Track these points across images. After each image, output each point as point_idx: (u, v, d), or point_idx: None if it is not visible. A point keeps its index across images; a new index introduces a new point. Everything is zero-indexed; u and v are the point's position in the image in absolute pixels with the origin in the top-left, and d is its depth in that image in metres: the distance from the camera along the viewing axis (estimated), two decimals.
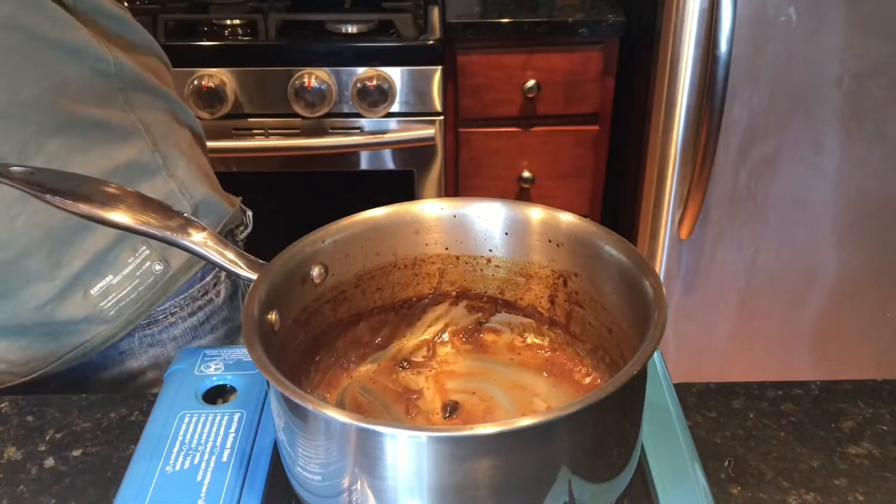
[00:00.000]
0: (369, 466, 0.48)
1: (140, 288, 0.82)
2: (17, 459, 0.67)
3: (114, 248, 0.80)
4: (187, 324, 0.87)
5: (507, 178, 1.88)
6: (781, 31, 1.54)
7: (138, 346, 0.85)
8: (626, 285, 0.58)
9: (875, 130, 1.63)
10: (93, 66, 0.78)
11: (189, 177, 0.86)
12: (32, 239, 0.76)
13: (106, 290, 0.80)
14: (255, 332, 0.52)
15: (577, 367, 0.65)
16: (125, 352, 0.85)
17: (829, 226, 1.73)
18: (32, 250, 0.76)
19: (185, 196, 0.85)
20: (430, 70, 1.70)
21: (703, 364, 1.90)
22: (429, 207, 0.64)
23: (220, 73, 1.68)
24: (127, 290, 0.81)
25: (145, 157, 0.82)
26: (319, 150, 1.76)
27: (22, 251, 0.76)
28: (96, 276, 0.79)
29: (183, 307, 0.86)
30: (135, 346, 0.85)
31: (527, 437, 0.47)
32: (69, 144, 0.77)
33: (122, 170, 0.80)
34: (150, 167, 0.83)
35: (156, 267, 0.82)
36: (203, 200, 0.87)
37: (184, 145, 0.88)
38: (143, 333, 0.85)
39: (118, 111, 0.81)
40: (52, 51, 0.74)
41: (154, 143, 0.83)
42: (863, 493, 0.63)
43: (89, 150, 0.78)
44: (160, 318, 0.85)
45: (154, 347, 0.86)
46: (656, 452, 0.61)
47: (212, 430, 0.63)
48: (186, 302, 0.86)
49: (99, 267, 0.79)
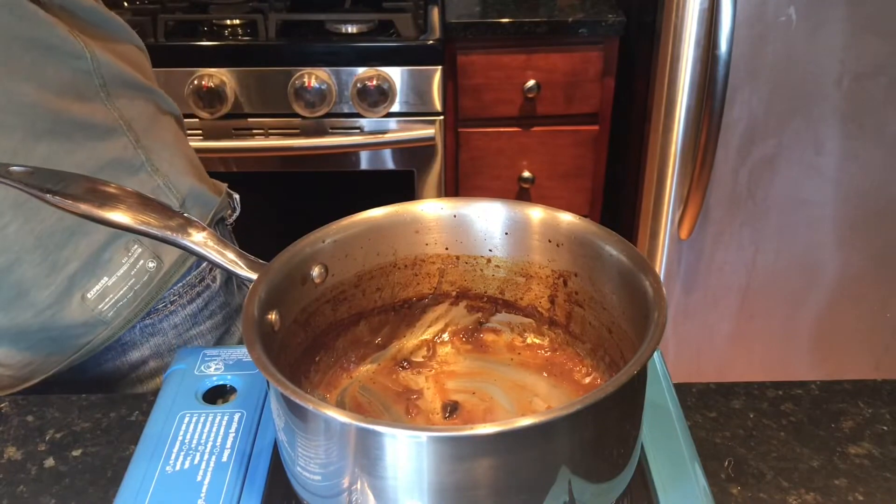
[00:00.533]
0: (369, 466, 0.48)
1: (136, 287, 0.81)
2: (17, 459, 0.67)
3: (107, 249, 0.79)
4: (187, 311, 0.87)
5: (507, 178, 1.88)
6: (781, 31, 1.54)
7: (139, 337, 0.85)
8: (626, 285, 0.58)
9: (875, 130, 1.63)
10: (72, 64, 0.76)
11: (174, 170, 0.85)
12: (24, 245, 0.75)
13: (102, 292, 0.80)
14: (255, 332, 0.52)
15: (577, 367, 0.65)
16: (126, 343, 0.85)
17: (829, 226, 1.73)
18: (25, 257, 0.75)
19: (172, 191, 0.84)
20: (430, 70, 1.70)
21: (703, 364, 1.90)
22: (429, 207, 0.64)
23: (220, 73, 1.68)
24: (123, 291, 0.81)
25: (128, 154, 0.82)
26: (319, 150, 1.76)
27: (15, 258, 0.75)
28: (91, 279, 0.79)
29: (182, 295, 0.86)
30: (136, 336, 0.85)
31: (527, 437, 0.47)
32: (57, 147, 0.76)
33: (108, 168, 0.79)
34: (134, 164, 0.82)
35: (149, 264, 0.82)
36: (190, 193, 0.86)
37: (168, 136, 0.87)
38: (144, 324, 0.85)
39: (100, 108, 0.79)
40: (31, 51, 0.73)
41: (136, 139, 0.82)
42: (863, 493, 0.63)
43: (76, 150, 0.77)
44: (160, 308, 0.85)
45: (155, 336, 0.86)
46: (656, 452, 0.61)
47: (212, 430, 0.63)
48: (185, 290, 0.86)
49: (93, 269, 0.79)
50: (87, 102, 0.78)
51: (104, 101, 0.80)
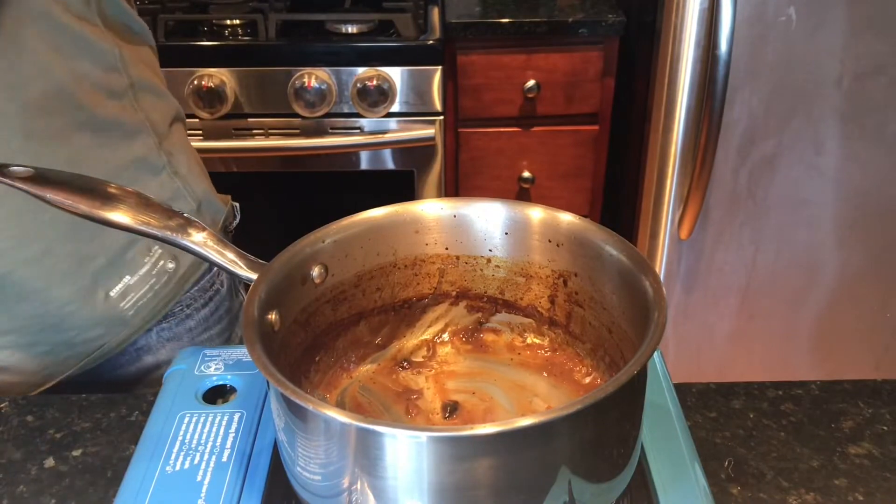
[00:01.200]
0: (369, 466, 0.48)
1: (156, 287, 0.82)
2: (17, 459, 0.67)
3: (130, 248, 0.80)
4: (200, 315, 0.88)
5: (507, 178, 1.88)
6: (781, 31, 1.54)
7: (156, 341, 0.86)
8: (626, 285, 0.58)
9: (875, 130, 1.63)
10: (106, 62, 0.77)
11: (191, 174, 0.86)
12: (57, 233, 0.75)
13: (124, 290, 0.80)
14: (255, 332, 0.52)
15: (577, 367, 0.65)
16: (142, 348, 0.85)
17: (829, 226, 1.73)
18: (56, 248, 0.76)
19: (189, 193, 0.85)
20: (430, 70, 1.70)
21: (703, 364, 1.90)
22: (429, 207, 0.64)
23: (220, 73, 1.68)
24: (144, 290, 0.82)
25: (152, 155, 0.83)
26: (319, 150, 1.76)
27: (47, 248, 0.75)
28: (114, 277, 0.80)
29: (196, 299, 0.87)
30: (152, 340, 0.86)
31: (527, 437, 0.47)
32: (89, 141, 0.77)
33: (132, 168, 0.80)
34: (157, 165, 0.83)
35: (168, 265, 0.82)
36: (204, 198, 0.87)
37: (183, 141, 0.88)
38: (161, 327, 0.85)
39: (129, 107, 0.80)
40: (76, 42, 0.74)
41: (159, 141, 0.83)
42: (863, 493, 0.63)
43: (105, 146, 0.78)
44: (176, 311, 0.86)
45: (171, 341, 0.87)
46: (656, 452, 0.61)
47: (212, 430, 0.63)
48: (199, 294, 0.87)
49: (117, 267, 0.79)
50: (117, 100, 0.79)
51: (132, 101, 0.81)
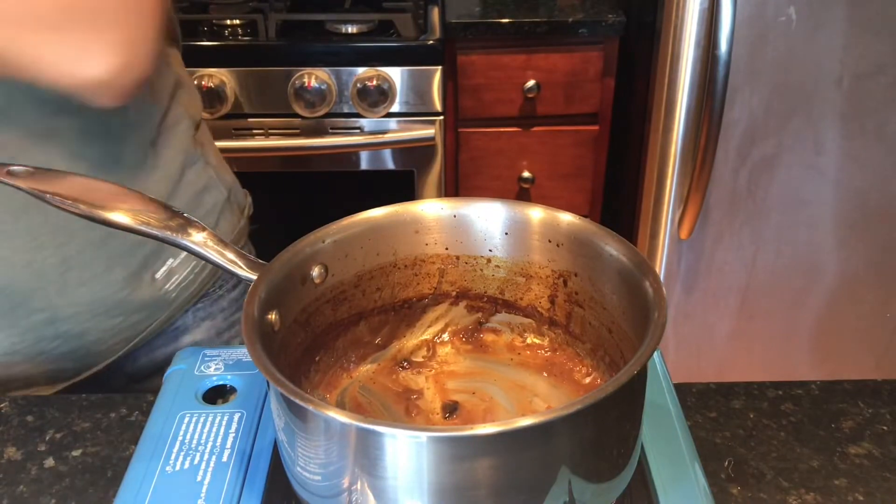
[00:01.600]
0: (369, 466, 0.48)
1: (196, 269, 0.84)
2: (17, 459, 0.67)
3: None
4: (232, 295, 0.90)
5: (507, 178, 1.88)
6: (781, 31, 1.54)
7: (192, 321, 0.87)
8: (626, 285, 0.58)
9: (875, 130, 1.63)
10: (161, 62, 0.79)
11: (220, 165, 0.90)
12: None
13: (169, 272, 0.82)
14: (255, 332, 0.52)
15: (577, 367, 0.65)
16: (178, 327, 0.87)
17: (829, 226, 1.73)
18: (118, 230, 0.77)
19: (221, 182, 0.88)
20: (430, 70, 1.70)
21: (703, 364, 1.90)
22: (429, 207, 0.64)
23: (220, 73, 1.68)
24: (186, 272, 0.83)
25: (189, 146, 0.85)
26: (319, 150, 1.76)
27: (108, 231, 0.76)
28: (158, 260, 0.81)
29: (227, 280, 0.89)
30: (189, 321, 0.87)
31: (527, 437, 0.47)
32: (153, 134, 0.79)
33: (179, 157, 0.82)
34: (194, 156, 0.85)
35: None
36: (232, 187, 0.90)
37: (209, 133, 0.91)
38: (196, 307, 0.87)
39: (175, 104, 0.83)
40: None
41: (194, 132, 0.86)
42: (863, 493, 0.63)
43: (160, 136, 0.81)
44: (210, 292, 0.88)
45: (206, 320, 0.88)
46: (656, 452, 0.61)
47: (212, 430, 0.63)
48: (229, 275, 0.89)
49: (161, 249, 0.81)
50: (166, 93, 0.82)
51: (177, 95, 0.83)
